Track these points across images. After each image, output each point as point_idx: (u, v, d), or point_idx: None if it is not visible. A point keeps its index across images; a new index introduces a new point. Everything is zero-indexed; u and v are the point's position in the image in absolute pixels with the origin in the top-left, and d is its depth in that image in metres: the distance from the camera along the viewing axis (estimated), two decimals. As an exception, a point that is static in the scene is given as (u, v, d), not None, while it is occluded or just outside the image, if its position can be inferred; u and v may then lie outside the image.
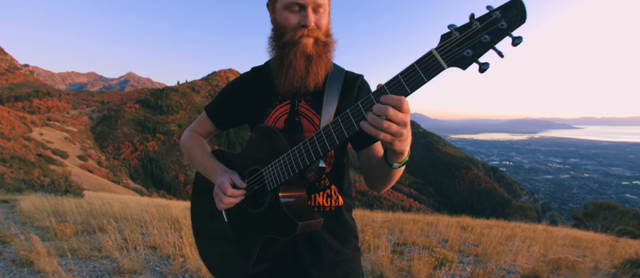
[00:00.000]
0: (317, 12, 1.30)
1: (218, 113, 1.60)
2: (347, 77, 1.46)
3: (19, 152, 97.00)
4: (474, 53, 0.85)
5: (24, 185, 25.85)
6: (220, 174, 1.36)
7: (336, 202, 1.45)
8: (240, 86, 1.55)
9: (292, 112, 1.41)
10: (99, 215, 6.73)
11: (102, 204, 8.17)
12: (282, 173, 1.22)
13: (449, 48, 0.88)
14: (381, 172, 1.26)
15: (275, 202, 1.25)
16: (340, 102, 1.40)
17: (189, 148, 1.61)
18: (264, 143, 1.33)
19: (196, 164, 1.57)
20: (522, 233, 7.96)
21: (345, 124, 1.04)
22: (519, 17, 0.81)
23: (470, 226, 8.12)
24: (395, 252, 5.02)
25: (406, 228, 6.96)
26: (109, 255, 4.11)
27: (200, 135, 1.65)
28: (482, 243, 5.79)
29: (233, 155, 1.50)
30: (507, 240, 6.87)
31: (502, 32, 0.82)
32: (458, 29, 0.88)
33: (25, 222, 6.17)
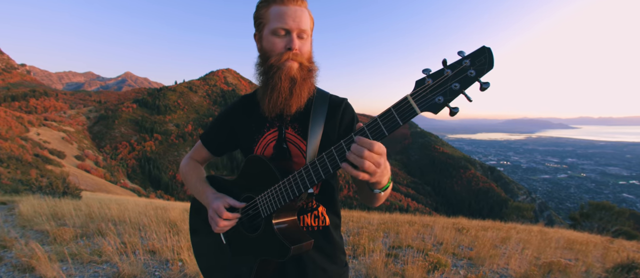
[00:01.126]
0: (301, 38, 1.38)
1: (212, 141, 1.68)
2: (331, 102, 1.52)
3: (16, 152, 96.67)
4: (444, 99, 0.91)
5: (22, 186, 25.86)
6: (213, 199, 1.46)
7: (323, 222, 1.53)
8: (231, 114, 1.62)
9: (280, 139, 1.48)
10: (97, 218, 6.78)
11: (100, 206, 8.22)
12: (274, 201, 1.32)
13: (422, 95, 0.94)
14: (368, 194, 1.34)
15: (269, 228, 1.36)
16: (326, 126, 1.47)
17: (185, 174, 1.70)
18: (256, 173, 1.41)
19: (190, 189, 1.65)
20: (517, 235, 8.04)
21: (330, 161, 1.14)
22: (487, 64, 0.85)
23: (466, 228, 8.20)
24: (390, 256, 5.10)
25: (402, 231, 7.05)
26: (109, 260, 4.17)
27: (197, 162, 1.74)
28: (476, 247, 5.87)
29: (227, 181, 1.58)
30: (502, 242, 6.95)
31: (471, 79, 0.87)
32: (431, 76, 0.94)
33: (25, 226, 6.21)
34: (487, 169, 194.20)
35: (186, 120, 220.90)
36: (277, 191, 1.31)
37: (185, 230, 5.64)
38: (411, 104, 0.95)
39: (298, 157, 1.47)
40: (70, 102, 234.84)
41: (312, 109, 1.46)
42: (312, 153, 1.40)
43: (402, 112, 0.97)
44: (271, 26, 1.36)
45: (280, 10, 1.35)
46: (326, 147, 1.43)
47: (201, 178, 1.63)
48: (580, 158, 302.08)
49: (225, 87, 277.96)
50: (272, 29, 1.36)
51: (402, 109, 0.97)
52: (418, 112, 0.94)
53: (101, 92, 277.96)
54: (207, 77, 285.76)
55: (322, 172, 1.17)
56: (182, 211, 8.30)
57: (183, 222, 6.35)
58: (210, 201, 1.47)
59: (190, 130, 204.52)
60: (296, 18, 1.35)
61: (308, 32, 1.40)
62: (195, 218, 1.76)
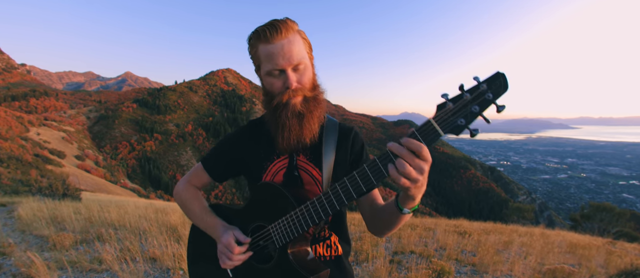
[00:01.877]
0: (298, 70, 1.32)
1: (215, 166, 1.61)
2: (341, 129, 1.51)
3: (16, 152, 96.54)
4: (466, 122, 0.95)
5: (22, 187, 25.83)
6: (223, 232, 1.40)
7: (336, 251, 1.50)
8: (238, 140, 1.57)
9: (291, 166, 1.45)
10: (97, 223, 6.74)
11: (100, 210, 8.17)
12: (291, 230, 1.27)
13: (444, 118, 0.98)
14: (390, 217, 1.28)
15: (284, 258, 1.31)
16: (337, 153, 1.45)
17: (184, 201, 1.61)
18: (268, 200, 1.36)
19: (193, 218, 1.57)
20: (519, 239, 8.00)
21: (363, 179, 1.11)
22: (503, 87, 0.91)
23: (468, 232, 8.15)
24: (393, 262, 5.05)
25: (404, 235, 7.00)
26: (109, 268, 4.13)
27: (196, 187, 1.65)
28: (479, 252, 5.83)
29: (232, 210, 1.52)
30: (504, 247, 6.91)
31: (489, 102, 0.92)
32: (451, 100, 0.97)
33: (24, 230, 6.18)
34: (487, 169, 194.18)
35: (186, 120, 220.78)
36: (294, 219, 1.27)
37: (185, 236, 5.59)
38: (435, 127, 0.99)
39: (310, 185, 1.44)
40: (71, 101, 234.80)
41: (323, 135, 1.44)
42: (327, 179, 1.39)
43: (426, 134, 1.00)
44: (265, 68, 1.32)
45: (268, 50, 1.28)
46: (339, 173, 1.44)
47: (206, 207, 1.56)
48: (580, 158, 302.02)
49: (225, 87, 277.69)
50: (267, 71, 1.32)
51: (426, 132, 1.00)
52: (442, 134, 0.99)
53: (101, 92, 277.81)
54: (207, 77, 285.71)
55: (344, 198, 1.15)
56: (182, 214, 8.24)
57: (183, 227, 6.30)
58: (220, 234, 1.41)
59: (191, 130, 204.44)
60: (285, 54, 1.28)
61: (304, 61, 1.33)
62: (196, 247, 1.67)
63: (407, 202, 1.16)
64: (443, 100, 1.00)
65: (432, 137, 1.00)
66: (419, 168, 1.01)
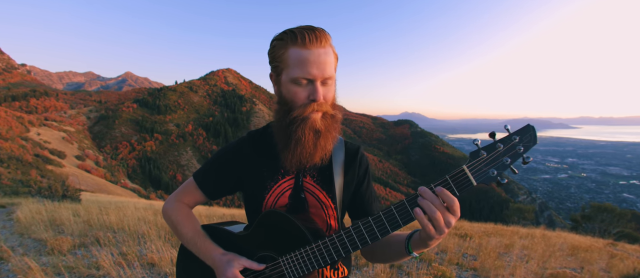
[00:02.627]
0: (326, 85, 1.22)
1: (209, 183, 1.45)
2: (347, 149, 1.43)
3: (16, 152, 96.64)
4: (497, 173, 0.96)
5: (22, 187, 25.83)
6: (224, 262, 1.26)
7: (343, 273, 1.43)
8: (237, 155, 1.42)
9: (297, 187, 1.35)
10: (96, 226, 6.69)
11: (99, 212, 8.12)
12: (305, 266, 1.21)
13: (478, 167, 0.98)
14: (393, 253, 1.25)
15: None
16: (345, 176, 1.38)
17: (175, 223, 1.43)
18: (278, 230, 1.26)
19: (185, 242, 1.40)
20: (521, 241, 7.95)
21: (390, 220, 1.08)
22: (532, 141, 0.93)
23: (469, 234, 8.10)
24: (394, 267, 5.00)
25: (404, 238, 6.95)
26: (107, 274, 4.07)
27: (188, 205, 1.49)
28: (481, 256, 5.78)
29: (232, 235, 1.39)
30: (506, 250, 6.86)
31: (519, 155, 0.94)
32: (485, 149, 0.98)
33: (23, 233, 6.13)
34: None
35: (186, 120, 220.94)
36: (310, 255, 1.19)
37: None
38: (468, 176, 0.98)
39: (316, 208, 1.36)
40: (71, 102, 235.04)
41: (332, 156, 1.36)
42: (339, 203, 1.34)
43: (459, 182, 0.99)
44: (291, 74, 1.19)
45: (302, 55, 1.16)
46: (346, 196, 1.39)
47: (198, 230, 1.39)
48: (580, 158, 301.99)
49: (225, 87, 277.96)
50: (293, 77, 1.19)
51: (459, 180, 0.99)
52: (474, 183, 0.98)
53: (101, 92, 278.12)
54: (207, 77, 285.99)
55: (368, 238, 1.11)
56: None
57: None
58: (220, 265, 1.26)
59: (191, 130, 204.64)
60: (320, 64, 1.17)
61: (333, 77, 1.24)
62: (187, 273, 1.51)
63: (419, 247, 1.12)
64: (475, 148, 1.00)
65: (465, 186, 0.98)
66: (448, 222, 0.98)
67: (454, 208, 0.97)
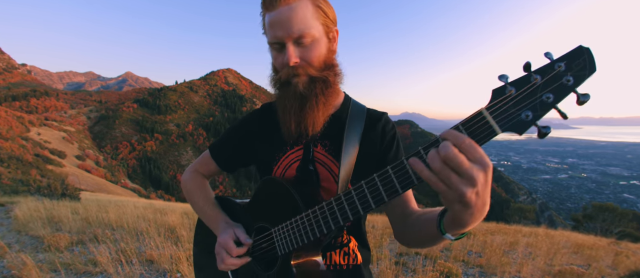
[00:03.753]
0: (301, 45, 1.09)
1: (223, 154, 1.41)
2: (369, 117, 1.26)
3: (16, 152, 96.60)
4: (534, 115, 0.68)
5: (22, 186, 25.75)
6: (223, 229, 1.22)
7: (355, 259, 1.25)
8: (248, 126, 1.37)
9: (306, 159, 1.22)
10: (94, 223, 6.61)
11: (98, 210, 8.04)
12: (295, 238, 1.06)
13: (503, 109, 0.70)
14: (426, 234, 1.00)
15: (287, 269, 1.10)
16: (362, 145, 1.20)
17: (190, 191, 1.44)
18: (273, 199, 1.16)
19: (197, 211, 1.41)
20: (524, 239, 7.87)
21: (400, 176, 0.82)
22: (588, 69, 0.66)
23: (473, 232, 8.01)
24: (399, 264, 4.91)
25: (407, 236, 6.86)
26: (104, 271, 3.98)
27: (203, 176, 1.47)
28: (486, 253, 5.69)
29: (239, 206, 1.33)
30: (511, 247, 6.78)
31: (567, 88, 0.67)
32: (514, 84, 0.71)
33: (20, 231, 6.06)
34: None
35: (187, 120, 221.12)
36: (300, 225, 1.04)
37: (184, 237, 5.46)
38: (488, 121, 0.71)
39: (328, 182, 1.19)
40: (71, 102, 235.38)
41: (347, 123, 1.20)
42: (345, 176, 1.15)
43: (475, 132, 0.72)
44: (268, 40, 1.13)
45: (269, 18, 1.08)
46: (362, 170, 1.18)
47: (210, 199, 1.38)
48: (580, 158, 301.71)
49: (225, 87, 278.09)
50: (269, 42, 1.13)
51: (476, 128, 0.72)
52: (498, 131, 0.71)
53: (102, 92, 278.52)
54: (207, 77, 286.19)
55: (372, 201, 0.88)
56: (181, 214, 8.12)
57: (182, 228, 6.17)
58: (218, 232, 1.24)
59: (191, 130, 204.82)
60: (285, 23, 1.05)
61: (310, 33, 1.08)
62: (201, 241, 1.50)
63: (452, 227, 0.83)
64: (501, 84, 0.72)
65: (484, 135, 0.71)
66: (469, 176, 0.68)
67: (475, 155, 0.68)
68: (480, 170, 0.68)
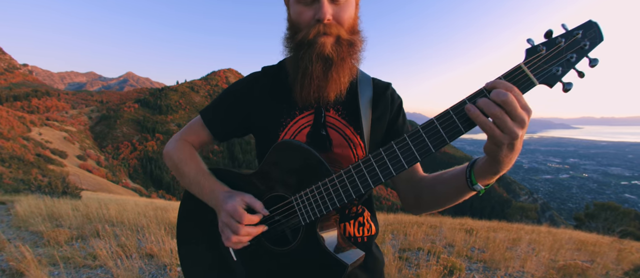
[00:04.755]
0: (336, 3, 1.02)
1: (218, 120, 1.26)
2: (376, 86, 1.23)
3: (17, 152, 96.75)
4: (562, 71, 0.79)
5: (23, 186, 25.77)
6: (226, 198, 1.05)
7: (369, 230, 1.19)
8: (249, 88, 1.24)
9: (318, 123, 1.13)
10: (95, 219, 6.57)
11: (98, 207, 8.02)
12: (323, 203, 0.98)
13: (538, 64, 0.80)
14: (451, 190, 1.01)
15: (313, 240, 1.01)
16: (374, 111, 1.18)
17: (178, 161, 1.23)
18: (291, 164, 1.04)
19: (187, 183, 1.21)
20: (527, 236, 7.81)
21: (432, 137, 0.86)
22: (598, 37, 0.79)
23: (475, 229, 7.97)
24: (402, 259, 4.86)
25: (410, 232, 6.81)
26: (103, 264, 3.95)
27: (192, 146, 1.29)
28: (489, 249, 5.65)
29: (239, 176, 1.17)
30: (513, 244, 6.73)
31: (584, 52, 0.79)
32: (545, 45, 0.81)
33: (20, 227, 6.03)
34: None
35: (188, 120, 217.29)
36: (330, 189, 0.97)
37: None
38: (527, 74, 0.80)
39: (342, 148, 1.13)
40: (72, 102, 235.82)
41: (358, 88, 1.15)
42: (368, 139, 1.13)
43: (516, 83, 0.80)
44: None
45: None
46: (375, 135, 1.18)
47: (203, 168, 1.20)
48: (582, 158, 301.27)
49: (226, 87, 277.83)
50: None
51: (517, 80, 0.80)
52: (536, 83, 0.80)
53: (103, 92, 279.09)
54: (208, 77, 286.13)
55: (404, 162, 0.89)
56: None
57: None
58: (221, 201, 1.06)
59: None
60: None
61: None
62: (187, 223, 1.31)
63: (486, 174, 0.88)
64: (530, 45, 0.83)
65: (524, 86, 0.80)
66: (518, 117, 0.75)
67: (522, 102, 0.77)
68: (527, 114, 0.76)
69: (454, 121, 0.83)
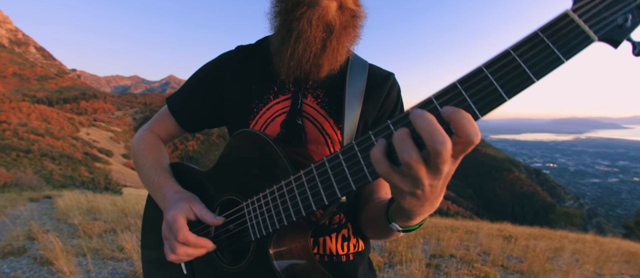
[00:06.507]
0: None
1: (184, 108, 1.11)
2: (372, 73, 1.03)
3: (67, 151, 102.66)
4: (633, 20, 0.51)
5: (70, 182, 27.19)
6: (172, 202, 0.88)
7: (356, 247, 1.00)
8: (221, 70, 1.06)
9: (294, 110, 0.95)
10: (130, 214, 6.84)
11: (136, 202, 8.35)
12: (276, 215, 0.76)
13: (595, 10, 0.52)
14: (377, 222, 0.84)
15: (264, 260, 0.80)
16: (364, 103, 0.98)
17: (136, 153, 1.09)
18: (247, 160, 0.86)
19: (142, 178, 1.06)
20: (571, 245, 7.36)
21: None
22: None
23: (514, 236, 7.59)
24: (431, 266, 4.66)
25: (443, 237, 6.55)
26: (129, 257, 4.09)
27: (159, 137, 1.16)
28: (528, 258, 5.32)
29: (200, 173, 1.01)
30: (555, 253, 6.34)
31: None
32: None
33: (59, 219, 6.39)
34: (532, 172, 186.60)
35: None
36: (285, 196, 0.74)
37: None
38: (578, 25, 0.51)
39: (317, 144, 0.95)
40: (118, 104, 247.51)
41: (348, 74, 0.98)
42: (349, 134, 0.93)
43: (561, 39, 0.52)
44: None
45: None
46: (363, 132, 0.97)
47: (161, 163, 1.04)
48: (633, 161, 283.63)
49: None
50: None
51: (563, 34, 0.52)
52: (593, 38, 0.51)
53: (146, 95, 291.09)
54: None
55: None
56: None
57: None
58: (167, 206, 0.89)
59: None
60: None
61: None
62: (146, 222, 1.14)
63: (398, 217, 0.71)
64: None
65: (577, 42, 0.51)
66: (435, 167, 0.53)
67: (464, 131, 0.50)
68: (450, 164, 0.55)
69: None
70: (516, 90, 0.52)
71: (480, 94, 0.53)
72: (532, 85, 0.52)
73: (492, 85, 0.53)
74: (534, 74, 0.52)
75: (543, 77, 0.52)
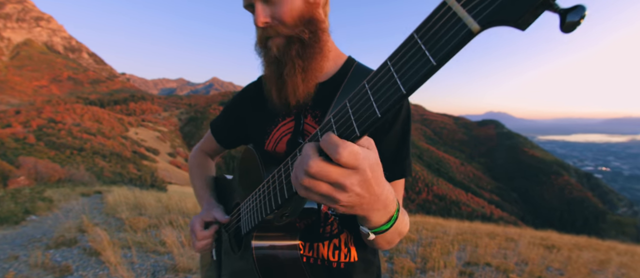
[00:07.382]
0: (269, 1, 0.93)
1: (221, 130, 1.34)
2: None
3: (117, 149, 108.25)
4: None
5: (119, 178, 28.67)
6: (201, 211, 1.19)
7: (346, 256, 1.01)
8: (241, 99, 1.26)
9: (297, 131, 1.04)
10: (173, 210, 7.15)
11: (179, 200, 8.69)
12: (254, 212, 0.90)
13: None
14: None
15: (248, 251, 0.95)
16: None
17: (190, 170, 1.40)
18: (246, 170, 1.04)
19: (195, 192, 1.36)
20: (618, 258, 6.91)
21: None
22: None
23: (557, 245, 7.24)
24: (464, 274, 4.57)
25: (481, 244, 6.33)
26: (170, 251, 4.30)
27: (207, 154, 1.43)
28: (569, 271, 5.08)
29: (224, 180, 1.30)
30: (600, 266, 5.97)
31: None
32: None
33: (108, 213, 6.79)
34: (582, 176, 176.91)
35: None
36: (260, 197, 0.87)
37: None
38: (456, 13, 0.40)
39: None
40: (164, 105, 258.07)
41: (341, 89, 0.99)
42: None
43: (442, 28, 0.41)
44: (243, 4, 1.00)
45: None
46: None
47: (204, 179, 1.33)
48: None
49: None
50: (244, 8, 1.00)
51: (439, 25, 0.42)
52: (474, 28, 0.38)
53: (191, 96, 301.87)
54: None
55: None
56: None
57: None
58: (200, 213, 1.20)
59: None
60: None
61: None
62: None
63: (361, 220, 0.70)
64: None
65: (454, 32, 0.41)
66: (334, 180, 0.55)
67: (344, 156, 0.52)
68: (355, 173, 0.55)
69: None
70: (386, 104, 0.47)
71: (360, 112, 0.52)
72: (404, 97, 0.46)
73: (369, 100, 0.50)
74: (403, 85, 0.45)
75: (414, 88, 0.45)
